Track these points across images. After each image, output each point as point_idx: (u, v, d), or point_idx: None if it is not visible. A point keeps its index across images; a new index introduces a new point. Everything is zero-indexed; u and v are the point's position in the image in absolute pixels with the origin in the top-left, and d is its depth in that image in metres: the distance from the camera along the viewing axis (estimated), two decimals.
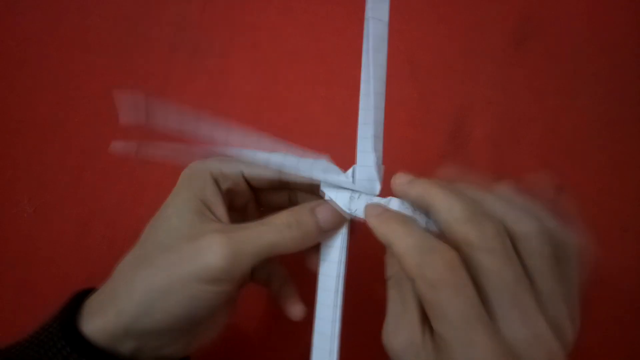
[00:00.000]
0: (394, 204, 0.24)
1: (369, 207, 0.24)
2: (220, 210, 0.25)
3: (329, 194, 0.25)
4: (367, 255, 0.29)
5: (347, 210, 0.25)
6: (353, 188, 0.25)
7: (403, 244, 0.20)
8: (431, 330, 0.19)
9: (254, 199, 0.28)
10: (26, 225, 0.36)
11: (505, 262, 0.19)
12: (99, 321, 0.22)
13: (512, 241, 0.19)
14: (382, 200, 0.24)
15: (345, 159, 0.37)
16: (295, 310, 0.28)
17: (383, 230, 0.21)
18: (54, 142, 0.37)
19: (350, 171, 0.25)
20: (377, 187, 0.25)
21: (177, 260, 0.22)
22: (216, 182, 0.25)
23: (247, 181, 0.26)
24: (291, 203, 0.28)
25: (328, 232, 0.25)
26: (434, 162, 0.36)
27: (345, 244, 0.25)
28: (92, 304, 0.24)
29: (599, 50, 0.37)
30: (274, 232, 0.23)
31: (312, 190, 0.26)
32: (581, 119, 0.36)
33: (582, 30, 0.37)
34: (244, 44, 0.38)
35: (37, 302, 0.35)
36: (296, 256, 0.26)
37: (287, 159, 0.25)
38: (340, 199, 0.25)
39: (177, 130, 0.24)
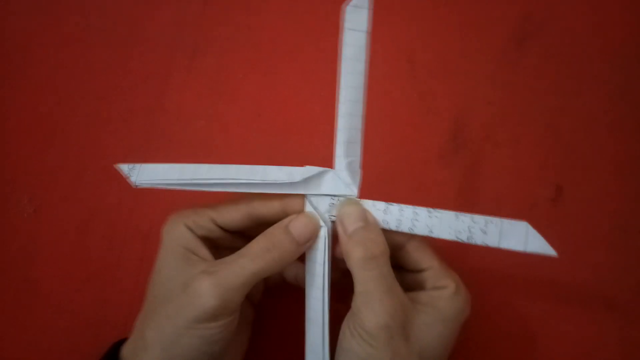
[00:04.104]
0: (367, 205, 0.26)
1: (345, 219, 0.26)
2: (203, 251, 0.27)
3: (311, 200, 0.27)
4: None
5: (328, 216, 0.27)
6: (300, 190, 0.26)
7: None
8: None
9: (240, 237, 0.29)
10: (26, 225, 0.36)
11: None
12: None
13: None
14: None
15: None
16: None
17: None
18: (54, 142, 0.37)
19: (299, 173, 0.26)
20: (355, 191, 0.27)
21: (178, 309, 0.24)
22: (191, 230, 0.27)
23: (222, 227, 0.28)
24: None
25: (307, 243, 0.26)
26: (434, 162, 0.36)
27: (328, 247, 0.27)
28: (124, 358, 0.26)
29: (599, 50, 0.37)
30: (254, 261, 0.25)
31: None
32: (581, 119, 0.36)
33: (582, 30, 0.37)
34: (244, 44, 0.38)
35: (37, 302, 0.35)
36: None
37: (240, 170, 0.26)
38: (322, 206, 0.27)
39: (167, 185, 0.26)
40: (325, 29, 0.38)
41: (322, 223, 0.27)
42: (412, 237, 0.27)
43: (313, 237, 0.26)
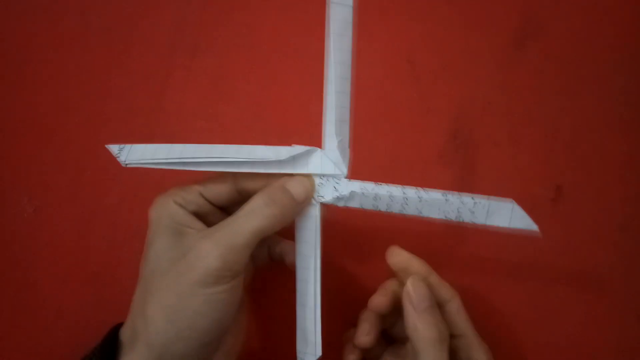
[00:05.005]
0: (355, 186, 0.26)
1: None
2: (197, 224, 0.26)
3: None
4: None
5: (317, 196, 0.26)
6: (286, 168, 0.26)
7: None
8: None
9: (228, 215, 0.29)
10: (26, 225, 0.36)
11: None
12: (134, 357, 0.24)
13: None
14: (343, 189, 0.26)
15: None
16: None
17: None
18: (54, 142, 0.37)
19: (286, 151, 0.25)
20: (344, 170, 0.26)
21: (179, 276, 0.23)
22: (182, 206, 0.26)
23: (211, 202, 0.27)
24: None
25: (303, 203, 0.26)
26: (434, 162, 0.36)
27: (319, 226, 0.26)
28: (123, 341, 0.25)
29: (599, 50, 0.37)
30: (255, 217, 0.24)
31: None
32: (581, 119, 0.36)
33: (583, 30, 0.37)
34: (244, 44, 0.38)
35: (37, 302, 0.35)
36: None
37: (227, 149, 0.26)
38: None
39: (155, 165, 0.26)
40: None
41: (313, 201, 0.26)
42: (452, 297, 0.29)
43: (310, 195, 0.26)
